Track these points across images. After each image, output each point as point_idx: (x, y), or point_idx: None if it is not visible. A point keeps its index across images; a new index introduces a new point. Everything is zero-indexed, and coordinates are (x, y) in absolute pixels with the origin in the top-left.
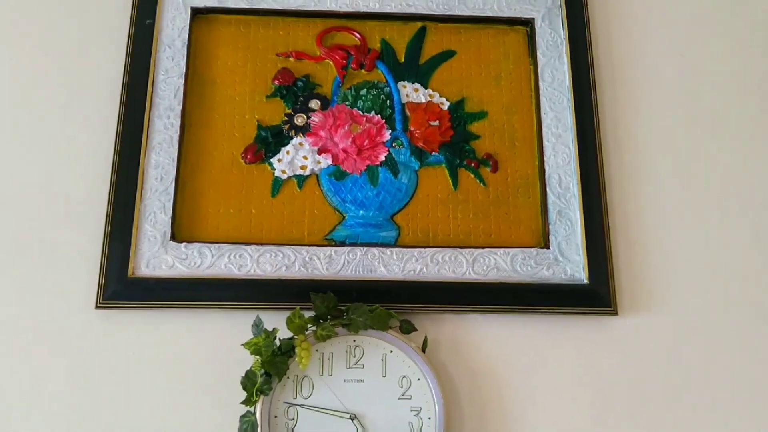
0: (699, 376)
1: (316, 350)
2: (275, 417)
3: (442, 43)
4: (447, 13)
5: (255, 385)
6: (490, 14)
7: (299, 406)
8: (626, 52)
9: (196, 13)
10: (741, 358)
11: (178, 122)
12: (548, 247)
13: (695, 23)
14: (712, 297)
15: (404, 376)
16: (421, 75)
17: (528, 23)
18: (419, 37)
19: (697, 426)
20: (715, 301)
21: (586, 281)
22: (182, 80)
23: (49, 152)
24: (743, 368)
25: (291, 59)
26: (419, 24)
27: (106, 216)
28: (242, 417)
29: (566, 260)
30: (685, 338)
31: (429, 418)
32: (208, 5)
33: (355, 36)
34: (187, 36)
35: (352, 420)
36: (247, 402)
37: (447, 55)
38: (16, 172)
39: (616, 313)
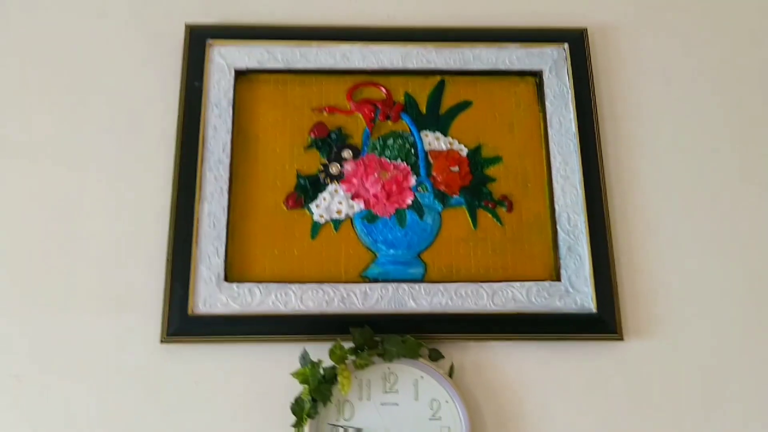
0: (698, 398)
1: (356, 377)
2: None
3: (459, 95)
4: (463, 68)
5: (304, 411)
6: (502, 68)
7: (342, 427)
8: (626, 99)
9: (239, 74)
10: (739, 381)
11: (226, 174)
12: (560, 280)
13: (691, 73)
14: (710, 324)
15: (434, 399)
16: (442, 124)
17: (537, 74)
18: (439, 90)
19: None
20: (713, 328)
21: (594, 310)
22: (229, 136)
23: (116, 205)
24: (741, 391)
25: (325, 113)
26: (438, 78)
27: (167, 260)
28: None
29: (576, 291)
30: (685, 361)
31: None
32: (249, 67)
33: (382, 90)
34: (231, 95)
35: None
36: (297, 425)
37: (464, 105)
38: (89, 224)
39: (621, 339)
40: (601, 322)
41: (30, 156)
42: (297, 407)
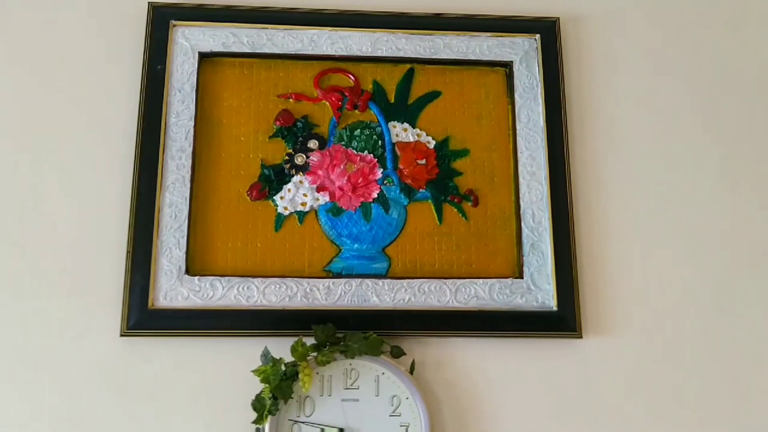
0: (653, 392)
1: (317, 373)
2: None
3: (429, 84)
4: (433, 56)
5: (265, 408)
6: (473, 57)
7: (303, 423)
8: (596, 94)
9: (203, 57)
10: (695, 378)
11: (189, 162)
12: (522, 277)
13: (659, 68)
14: (669, 323)
15: (394, 396)
16: (410, 115)
17: (507, 65)
18: (408, 79)
19: None
20: (672, 327)
21: (555, 308)
22: (192, 122)
23: (73, 195)
24: (698, 388)
25: (291, 100)
26: (408, 66)
27: (127, 252)
28: None
29: (537, 289)
30: (642, 358)
31: None
32: (214, 50)
33: (350, 78)
34: (195, 80)
35: None
36: (257, 421)
37: (433, 95)
38: (45, 216)
39: (580, 336)
40: (562, 320)
41: None
42: (258, 404)
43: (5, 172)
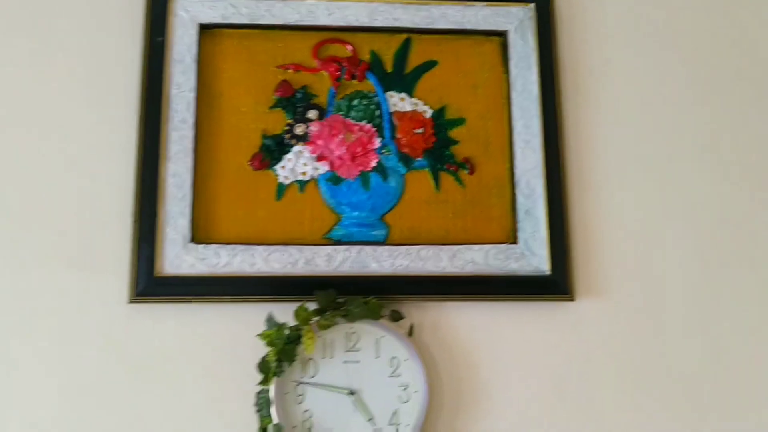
0: (642, 352)
1: (320, 337)
2: (286, 393)
3: (425, 54)
4: (429, 26)
5: (270, 370)
6: (468, 27)
7: (306, 384)
8: (589, 63)
9: (203, 28)
10: (680, 335)
11: (191, 133)
12: (516, 243)
13: (652, 36)
14: (656, 285)
15: (394, 357)
16: (407, 84)
17: (502, 34)
18: (404, 48)
19: (641, 395)
20: (658, 288)
21: (548, 272)
22: (193, 93)
23: (78, 166)
24: (681, 344)
25: (290, 71)
26: (404, 36)
27: (133, 222)
28: (258, 393)
29: (532, 254)
30: (631, 319)
31: (415, 392)
32: (213, 21)
33: (347, 48)
34: (195, 51)
35: (351, 395)
36: (263, 382)
37: (430, 65)
38: (52, 188)
39: (572, 299)
40: (554, 284)
41: None
42: (264, 366)
43: (11, 146)
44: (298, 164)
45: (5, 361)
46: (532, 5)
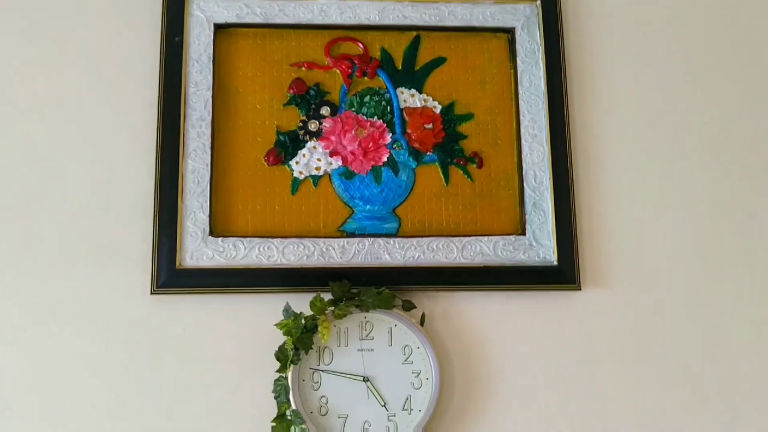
0: (646, 340)
1: (335, 326)
2: (303, 380)
3: (434, 51)
4: (438, 24)
5: (288, 358)
6: (476, 24)
7: (322, 371)
8: (594, 58)
9: (218, 28)
10: (683, 324)
11: (209, 130)
12: (524, 234)
13: (656, 32)
14: (661, 275)
15: (406, 345)
16: (417, 81)
17: (509, 31)
18: (414, 46)
19: (645, 382)
20: (663, 279)
21: (555, 263)
22: (210, 92)
23: (101, 164)
24: (683, 333)
25: (303, 69)
26: (414, 33)
27: (154, 217)
28: (276, 381)
29: (539, 245)
30: (637, 308)
31: (427, 379)
32: (228, 21)
33: (359, 45)
34: (212, 50)
35: (365, 381)
36: (281, 370)
37: (438, 61)
38: (76, 185)
39: (579, 288)
40: (561, 274)
41: (19, 113)
42: (281, 355)
43: (39, 145)
44: (312, 159)
45: (36, 349)
46: (538, 2)
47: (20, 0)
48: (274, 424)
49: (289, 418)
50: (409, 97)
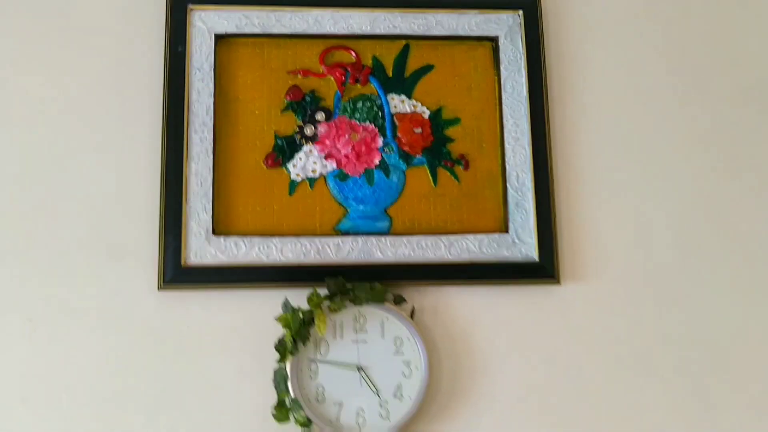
0: (622, 331)
1: (330, 319)
2: (301, 370)
3: (423, 58)
4: (426, 33)
5: (287, 349)
6: (462, 33)
7: (319, 361)
8: (574, 65)
9: (219, 38)
10: (659, 316)
11: (210, 136)
12: (508, 232)
13: (635, 40)
14: (636, 270)
15: (397, 337)
16: (406, 87)
17: (493, 40)
18: (404, 54)
19: (624, 372)
20: (638, 273)
21: (536, 259)
22: (212, 99)
23: (108, 168)
24: (659, 324)
25: (299, 76)
26: (403, 42)
27: (160, 217)
28: (276, 371)
29: (521, 242)
30: (614, 301)
31: (417, 368)
32: (228, 31)
33: (352, 54)
34: (213, 59)
35: (359, 371)
36: (280, 361)
37: (427, 69)
38: (85, 187)
39: (558, 283)
40: (542, 269)
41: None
42: (281, 347)
43: (52, 150)
44: (308, 162)
45: (47, 342)
46: (520, 12)
47: (30, 10)
48: (274, 411)
49: (288, 405)
50: (399, 103)
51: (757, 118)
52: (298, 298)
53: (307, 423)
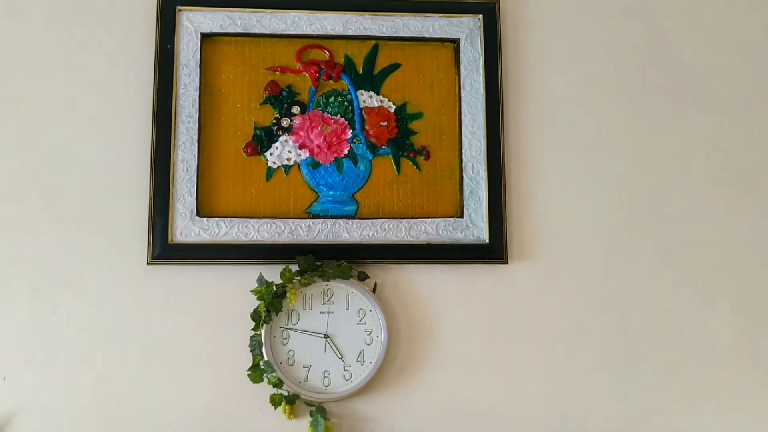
0: (562, 305)
1: (301, 292)
2: (274, 337)
3: (391, 57)
4: (394, 34)
5: (261, 318)
6: (427, 35)
7: (290, 329)
8: (529, 67)
9: (205, 36)
10: (597, 292)
11: (196, 126)
12: (462, 217)
13: (585, 45)
14: (575, 251)
15: (361, 309)
16: (375, 84)
17: (455, 42)
18: (373, 53)
19: (565, 343)
20: (578, 254)
21: (487, 241)
22: (197, 92)
23: (103, 155)
24: (598, 299)
25: (277, 73)
26: (373, 42)
27: (149, 199)
28: (252, 337)
29: (474, 226)
30: (556, 278)
31: (377, 337)
32: (213, 31)
33: (325, 53)
34: (199, 56)
35: (326, 338)
36: (255, 328)
37: (394, 67)
38: (83, 173)
39: (507, 263)
40: (492, 250)
41: (35, 111)
42: (255, 316)
43: (55, 135)
44: (284, 151)
45: (45, 310)
46: (480, 16)
47: (31, 14)
48: (249, 372)
49: (262, 367)
50: (368, 98)
51: (690, 112)
52: (273, 273)
53: (278, 383)
